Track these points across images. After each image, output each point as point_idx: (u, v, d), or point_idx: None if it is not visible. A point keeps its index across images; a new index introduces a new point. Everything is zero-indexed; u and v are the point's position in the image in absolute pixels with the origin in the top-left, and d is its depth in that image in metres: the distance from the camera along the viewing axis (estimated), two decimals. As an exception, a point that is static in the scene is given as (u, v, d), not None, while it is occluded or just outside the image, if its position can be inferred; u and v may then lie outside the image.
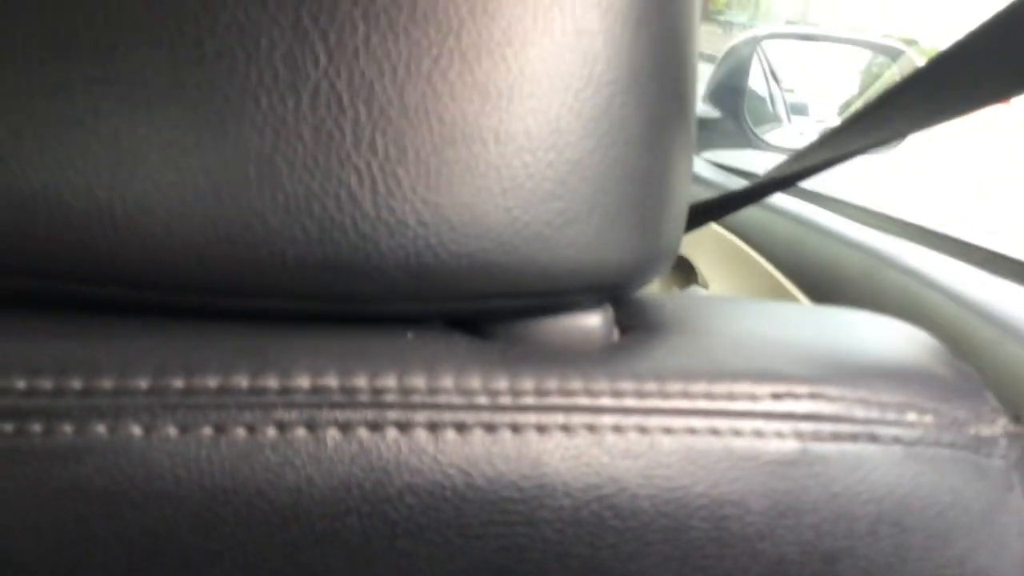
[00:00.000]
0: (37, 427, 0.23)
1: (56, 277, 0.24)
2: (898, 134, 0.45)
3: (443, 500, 0.24)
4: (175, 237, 0.23)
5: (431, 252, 0.24)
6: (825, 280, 0.85)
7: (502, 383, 0.25)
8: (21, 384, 0.23)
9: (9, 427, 0.23)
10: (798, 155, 0.48)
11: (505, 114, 0.24)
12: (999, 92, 0.38)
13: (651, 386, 0.26)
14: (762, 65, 1.70)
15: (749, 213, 1.01)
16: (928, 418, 0.28)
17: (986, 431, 0.29)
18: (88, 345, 0.24)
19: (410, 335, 0.26)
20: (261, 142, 0.23)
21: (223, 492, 0.23)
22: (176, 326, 0.25)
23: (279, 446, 0.23)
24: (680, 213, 0.30)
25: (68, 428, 0.23)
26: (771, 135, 1.69)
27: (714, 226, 1.06)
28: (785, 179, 0.48)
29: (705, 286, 1.09)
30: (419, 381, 0.25)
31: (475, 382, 0.25)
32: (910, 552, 0.27)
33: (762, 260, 0.97)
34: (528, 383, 0.25)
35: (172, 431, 0.23)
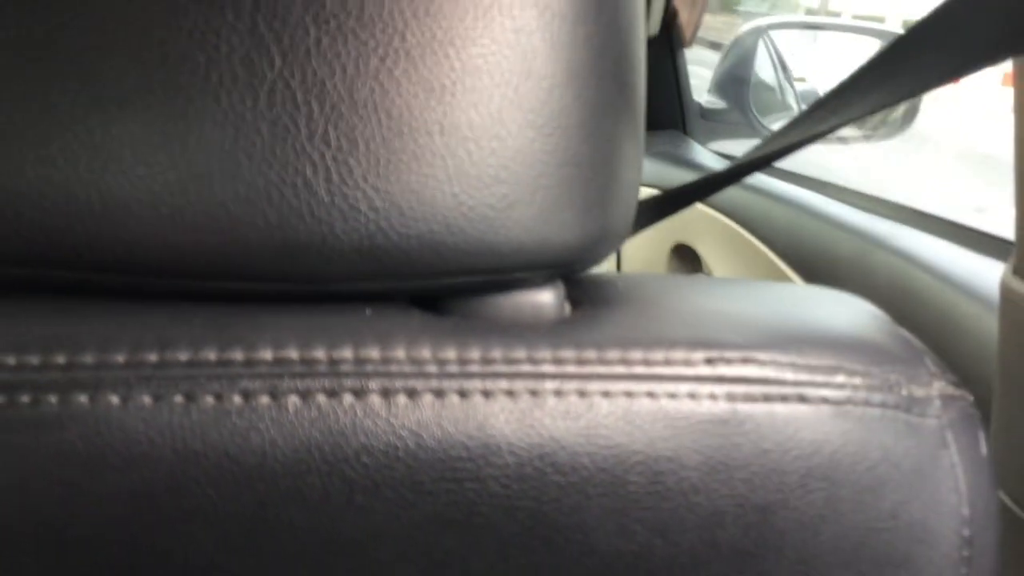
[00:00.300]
0: (25, 398, 0.25)
1: (40, 264, 0.26)
2: (863, 113, 0.47)
3: (396, 459, 0.26)
4: (146, 226, 0.26)
5: (382, 234, 0.26)
6: (821, 264, 0.87)
7: (450, 353, 0.27)
8: (11, 360, 0.26)
9: (1, 399, 0.25)
10: (775, 136, 0.50)
11: (449, 107, 0.26)
12: (947, 74, 0.40)
13: (591, 354, 0.28)
14: (770, 55, 1.72)
15: (749, 201, 1.03)
16: (857, 380, 0.30)
17: (919, 392, 0.31)
18: (70, 324, 0.27)
19: (368, 312, 0.29)
20: (223, 138, 0.25)
21: (194, 455, 0.26)
22: (150, 306, 0.28)
23: (244, 412, 0.26)
24: (628, 196, 0.32)
25: (53, 399, 0.25)
26: (780, 124, 1.70)
27: (716, 214, 1.08)
28: (763, 159, 0.50)
29: (709, 274, 1.10)
30: (373, 352, 0.27)
31: (425, 352, 0.27)
32: (841, 504, 0.29)
33: (762, 246, 0.99)
34: (475, 352, 0.28)
35: (147, 400, 0.26)
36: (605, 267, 1.28)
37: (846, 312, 0.34)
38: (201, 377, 0.26)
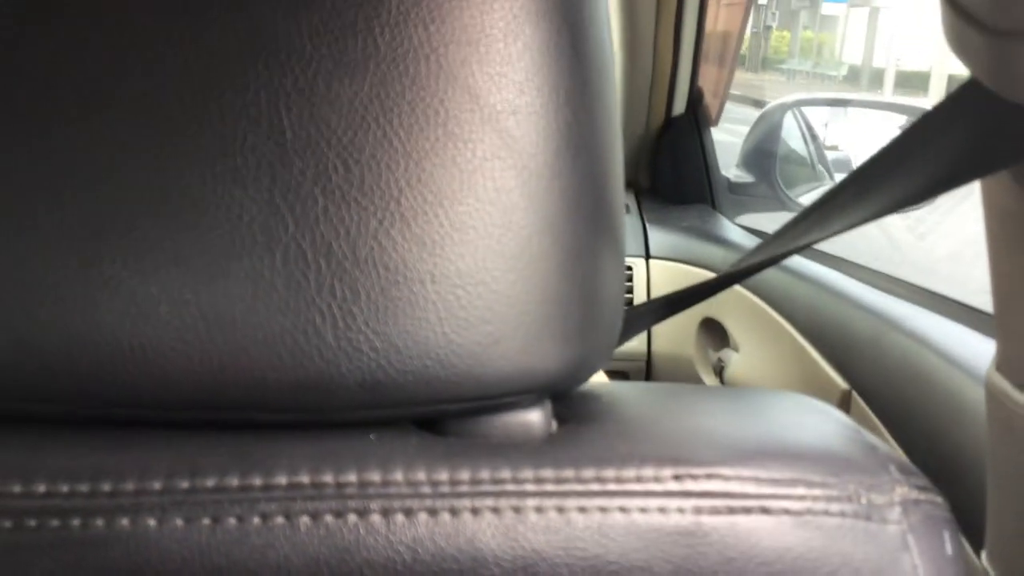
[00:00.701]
0: (76, 522, 0.29)
1: (87, 401, 0.31)
2: (843, 229, 0.50)
3: (395, 573, 0.30)
4: (179, 368, 0.30)
5: (383, 371, 0.30)
6: (838, 342, 0.89)
7: (443, 475, 0.31)
8: (64, 488, 0.30)
9: (55, 522, 0.29)
10: (759, 248, 0.53)
11: (439, 259, 0.30)
12: (918, 195, 0.43)
13: (568, 472, 0.32)
14: (800, 127, 1.75)
15: (773, 278, 1.06)
16: (817, 491, 0.33)
17: (880, 500, 0.33)
18: (114, 454, 0.31)
19: (373, 436, 0.32)
20: (244, 293, 0.29)
21: (219, 571, 0.29)
22: (181, 436, 0.32)
23: (262, 532, 0.30)
24: (609, 323, 0.35)
25: (100, 522, 0.29)
26: (814, 194, 1.73)
27: (742, 290, 1.11)
28: (747, 270, 0.53)
29: (736, 348, 1.13)
30: (375, 476, 0.31)
31: (420, 475, 0.31)
32: None
33: (784, 322, 1.01)
34: (464, 474, 0.31)
35: (179, 522, 0.29)
36: (635, 342, 1.31)
37: (811, 421, 0.37)
38: (225, 501, 0.30)
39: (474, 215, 0.30)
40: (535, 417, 0.34)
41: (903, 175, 0.43)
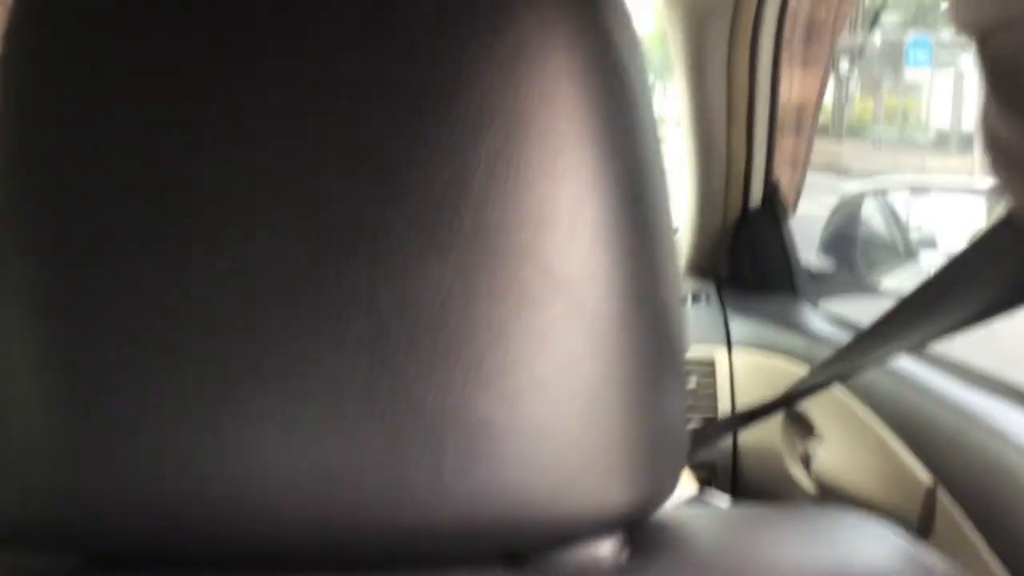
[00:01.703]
0: None
1: (208, 548, 0.35)
2: (905, 348, 0.52)
3: None
4: (291, 518, 0.34)
5: (468, 516, 0.34)
6: (920, 438, 0.90)
7: None
8: None
9: None
10: (827, 363, 0.56)
11: (516, 414, 0.34)
12: (991, 311, 0.45)
13: None
14: (881, 209, 1.76)
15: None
16: None
17: None
18: None
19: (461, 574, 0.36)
20: (347, 451, 0.33)
21: None
22: None
23: None
24: (674, 457, 0.38)
25: None
26: (898, 274, 1.73)
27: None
28: (815, 385, 0.56)
29: (821, 438, 1.13)
30: None
31: None
32: None
33: (869, 415, 1.02)
34: None
35: None
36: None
37: (869, 544, 0.39)
38: None
39: (547, 373, 0.34)
40: (605, 550, 0.37)
41: (977, 288, 0.45)
